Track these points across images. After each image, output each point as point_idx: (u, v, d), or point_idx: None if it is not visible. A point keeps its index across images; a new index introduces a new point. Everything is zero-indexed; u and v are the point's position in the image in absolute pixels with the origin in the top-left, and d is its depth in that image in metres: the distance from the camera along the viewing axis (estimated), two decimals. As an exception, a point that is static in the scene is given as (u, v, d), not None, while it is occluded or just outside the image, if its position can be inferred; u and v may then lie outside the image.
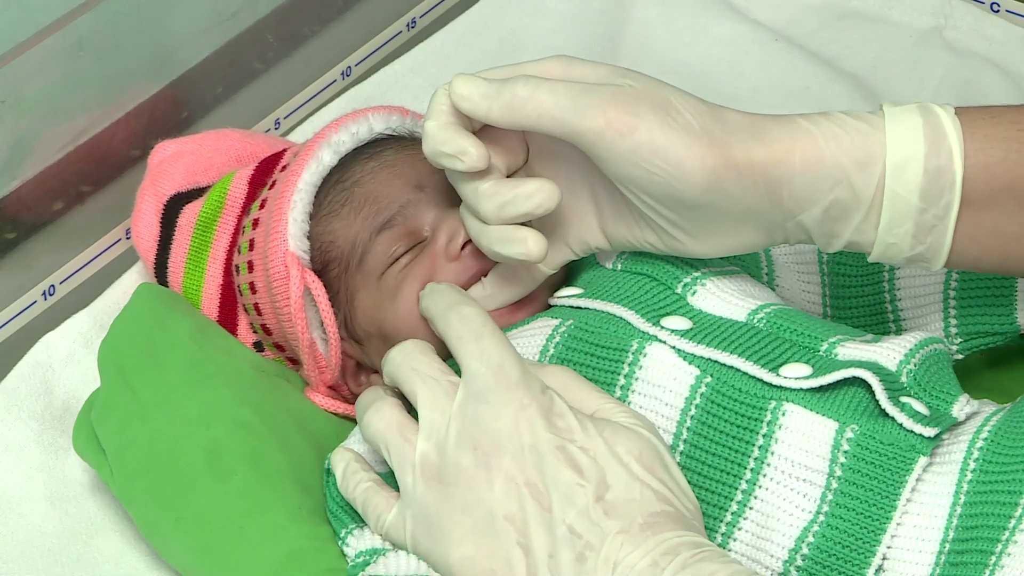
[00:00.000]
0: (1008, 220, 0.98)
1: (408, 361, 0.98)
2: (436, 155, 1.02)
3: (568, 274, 1.10)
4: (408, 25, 1.45)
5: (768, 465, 0.98)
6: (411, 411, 0.99)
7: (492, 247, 1.02)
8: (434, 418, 0.96)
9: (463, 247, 1.08)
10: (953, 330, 1.11)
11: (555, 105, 0.99)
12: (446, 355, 1.00)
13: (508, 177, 1.04)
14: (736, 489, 0.98)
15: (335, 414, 1.15)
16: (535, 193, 1.01)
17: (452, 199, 1.10)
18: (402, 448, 0.97)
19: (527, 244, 1.01)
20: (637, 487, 0.94)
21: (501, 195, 1.01)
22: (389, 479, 1.00)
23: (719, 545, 0.99)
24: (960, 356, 1.12)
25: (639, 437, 0.96)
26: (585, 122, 0.98)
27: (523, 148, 1.05)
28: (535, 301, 1.09)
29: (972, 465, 0.96)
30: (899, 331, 1.10)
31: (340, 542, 1.02)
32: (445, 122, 1.01)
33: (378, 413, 0.98)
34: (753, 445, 0.98)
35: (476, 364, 0.97)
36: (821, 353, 1.01)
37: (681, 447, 1.00)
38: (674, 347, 1.01)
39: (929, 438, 0.97)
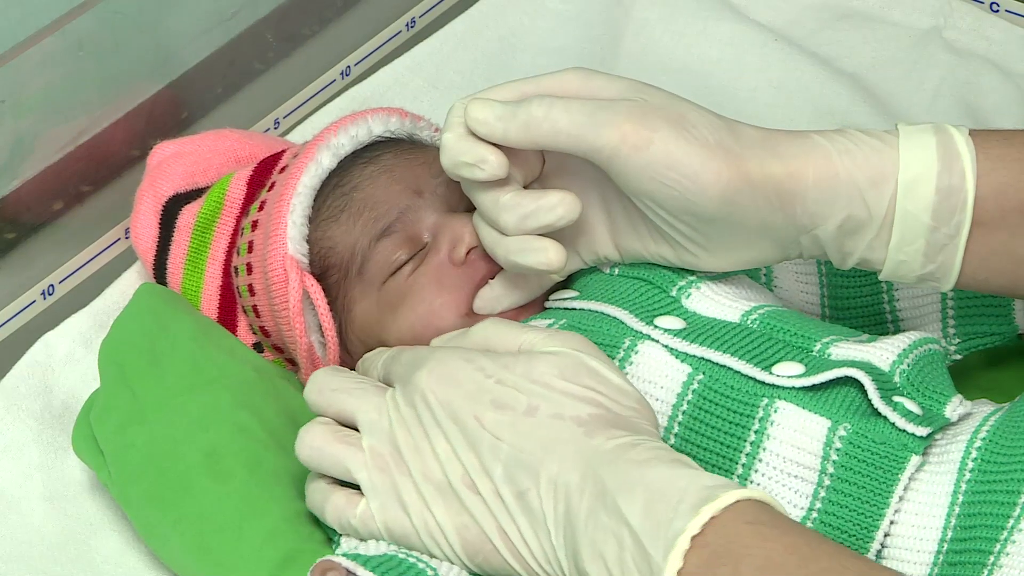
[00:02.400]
0: (1019, 242, 0.99)
1: (325, 388, 0.99)
2: (456, 166, 1.02)
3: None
4: (408, 25, 1.45)
5: (760, 461, 0.98)
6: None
7: (511, 257, 1.02)
8: (371, 416, 0.97)
9: (468, 253, 1.08)
10: (951, 331, 1.11)
11: (571, 123, 0.99)
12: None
13: (525, 188, 1.04)
14: None
15: (334, 416, 1.15)
16: (557, 205, 1.01)
17: (451, 204, 1.10)
18: (347, 452, 0.97)
19: (548, 254, 1.01)
20: (563, 403, 0.93)
21: (523, 206, 1.01)
22: None
23: None
24: (959, 356, 1.12)
25: (557, 355, 0.96)
26: (601, 138, 0.99)
27: (539, 160, 1.05)
28: (539, 302, 1.09)
29: (970, 465, 0.96)
30: (897, 332, 1.10)
31: (335, 545, 1.02)
32: (463, 133, 1.02)
33: (307, 435, 0.98)
34: (745, 441, 0.98)
35: (396, 368, 0.98)
36: (814, 353, 1.02)
37: (672, 441, 1.00)
38: (666, 346, 1.01)
39: (921, 437, 0.97)
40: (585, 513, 0.89)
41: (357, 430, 0.98)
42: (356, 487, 0.98)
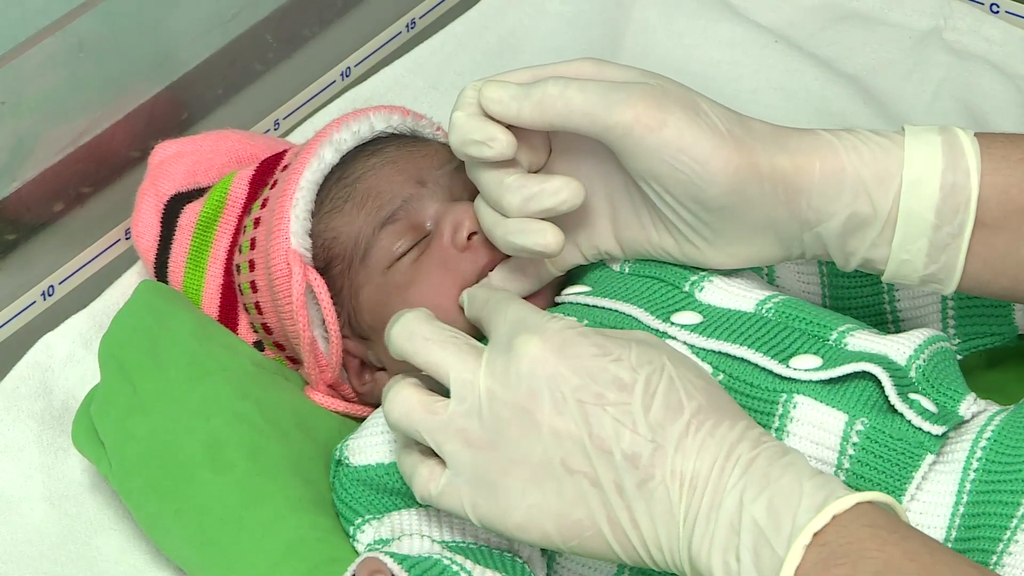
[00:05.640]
0: (1022, 244, 0.99)
1: (417, 331, 0.95)
2: (464, 144, 1.02)
3: (571, 274, 1.10)
4: (408, 26, 1.45)
5: None
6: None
7: (509, 238, 1.02)
8: (464, 379, 0.93)
9: (469, 237, 1.08)
10: (952, 331, 1.12)
11: (585, 102, 0.99)
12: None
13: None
14: None
15: (335, 412, 1.15)
16: (561, 189, 1.01)
17: (454, 193, 1.10)
18: (432, 423, 0.93)
19: (546, 236, 1.01)
20: (681, 386, 0.92)
21: (527, 188, 1.02)
22: None
23: None
24: (959, 357, 1.12)
25: (660, 344, 0.94)
26: (614, 117, 0.99)
27: (546, 148, 1.06)
28: (542, 298, 1.09)
29: (975, 464, 0.96)
30: (898, 331, 1.10)
31: (351, 539, 1.02)
32: (474, 112, 1.02)
33: (398, 396, 0.94)
34: None
35: (499, 322, 0.95)
36: (831, 343, 1.01)
37: None
38: (686, 342, 1.01)
39: (937, 436, 0.97)
40: (708, 505, 0.89)
41: (444, 389, 0.94)
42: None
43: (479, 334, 0.99)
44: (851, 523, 0.86)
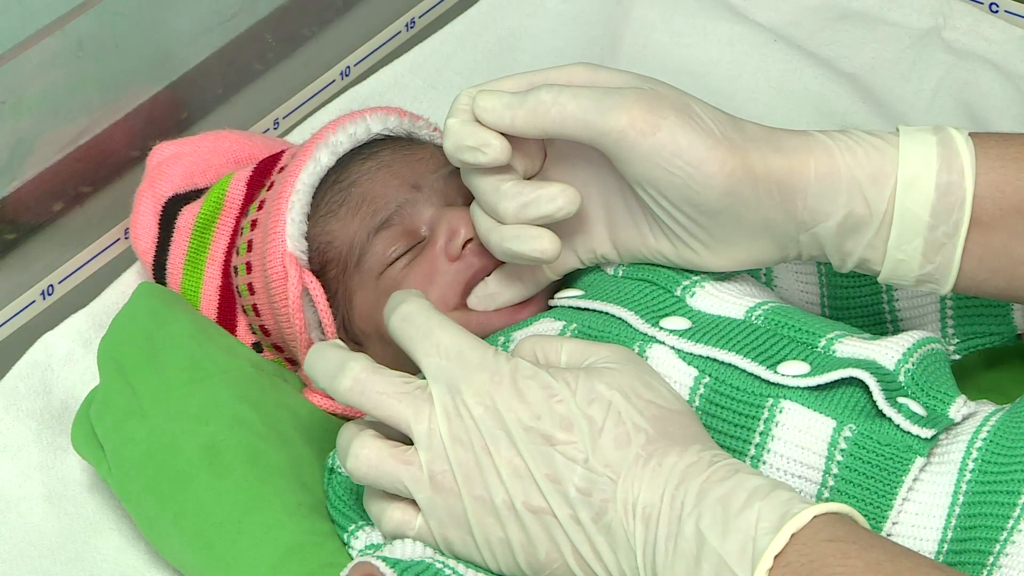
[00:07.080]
0: (1017, 242, 0.99)
1: (370, 390, 0.95)
2: (458, 149, 1.02)
3: (566, 277, 1.10)
4: (407, 25, 1.45)
5: (764, 463, 0.98)
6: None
7: (505, 244, 1.03)
8: (422, 428, 0.94)
9: (464, 246, 1.08)
10: (950, 331, 1.11)
11: (578, 107, 1.00)
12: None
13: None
14: None
15: (333, 414, 1.15)
16: (558, 196, 1.01)
17: (449, 198, 1.10)
18: (406, 472, 0.95)
19: (543, 242, 1.02)
20: (628, 419, 0.93)
21: (524, 195, 1.02)
22: None
23: None
24: (957, 356, 1.12)
25: (613, 371, 0.95)
26: (608, 122, 0.99)
27: (541, 154, 1.06)
28: (536, 302, 1.09)
29: (971, 465, 0.96)
30: (896, 332, 1.10)
31: (346, 545, 1.02)
32: (468, 119, 1.02)
33: (363, 450, 0.95)
34: (750, 443, 0.98)
35: (434, 360, 0.95)
36: (819, 350, 1.02)
37: None
38: (673, 347, 1.01)
39: (926, 439, 0.97)
40: (664, 535, 0.90)
41: (405, 438, 0.96)
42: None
43: None
44: (811, 539, 0.86)
